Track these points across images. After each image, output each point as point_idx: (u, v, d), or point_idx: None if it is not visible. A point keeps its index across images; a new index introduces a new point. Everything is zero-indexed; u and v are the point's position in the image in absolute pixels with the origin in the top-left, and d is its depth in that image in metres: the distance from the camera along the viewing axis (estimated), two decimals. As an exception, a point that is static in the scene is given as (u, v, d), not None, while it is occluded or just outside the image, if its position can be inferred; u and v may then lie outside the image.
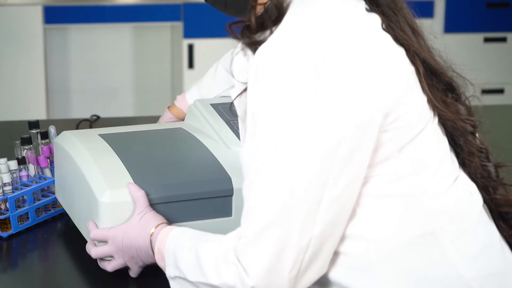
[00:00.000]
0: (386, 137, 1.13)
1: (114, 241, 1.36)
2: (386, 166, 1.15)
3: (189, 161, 1.49)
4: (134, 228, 1.34)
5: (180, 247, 1.23)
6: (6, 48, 4.16)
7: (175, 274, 1.22)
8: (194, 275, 1.18)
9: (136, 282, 1.41)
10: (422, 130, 1.17)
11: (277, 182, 1.09)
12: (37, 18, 4.16)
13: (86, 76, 4.55)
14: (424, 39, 1.23)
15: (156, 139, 1.58)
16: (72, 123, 2.26)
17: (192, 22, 4.30)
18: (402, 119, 1.14)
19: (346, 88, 1.08)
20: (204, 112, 1.64)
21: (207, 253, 1.17)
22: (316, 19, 1.12)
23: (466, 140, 1.24)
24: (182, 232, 1.26)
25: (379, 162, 1.14)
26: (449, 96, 1.23)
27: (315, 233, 1.09)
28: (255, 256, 1.10)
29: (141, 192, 1.37)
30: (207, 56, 4.33)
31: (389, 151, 1.14)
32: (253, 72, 1.11)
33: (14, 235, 1.59)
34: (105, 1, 4.32)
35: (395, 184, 1.15)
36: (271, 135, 1.09)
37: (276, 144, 1.08)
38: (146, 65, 4.61)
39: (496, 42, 4.58)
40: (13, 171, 1.63)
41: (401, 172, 1.15)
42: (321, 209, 1.09)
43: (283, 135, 1.08)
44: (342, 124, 1.08)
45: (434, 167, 1.18)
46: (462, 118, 1.23)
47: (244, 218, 1.13)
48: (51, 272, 1.53)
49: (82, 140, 1.54)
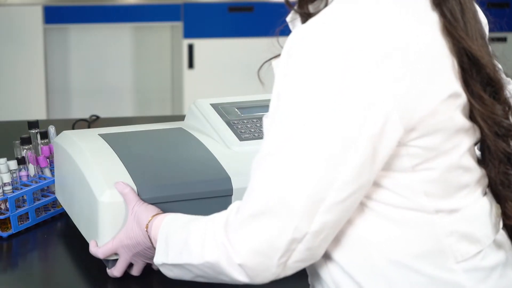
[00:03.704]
0: (404, 151, 1.10)
1: (122, 246, 1.37)
2: (398, 176, 1.12)
3: (189, 161, 1.49)
4: (132, 226, 1.35)
5: (174, 230, 1.23)
6: (6, 48, 4.16)
7: (162, 261, 1.22)
8: (179, 258, 1.18)
9: (136, 282, 1.41)
10: (448, 152, 1.12)
11: (283, 171, 1.07)
12: (37, 18, 4.16)
13: (86, 76, 4.55)
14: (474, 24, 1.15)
15: (156, 139, 1.58)
16: (71, 123, 2.26)
17: (192, 22, 4.30)
18: (426, 140, 1.10)
19: (370, 94, 1.05)
20: (204, 112, 1.64)
21: (197, 229, 1.17)
22: (362, 15, 1.08)
23: (495, 142, 1.16)
24: (176, 217, 1.27)
25: (391, 169, 1.11)
26: (487, 91, 1.14)
27: (311, 230, 1.08)
28: (246, 236, 1.09)
29: (128, 189, 1.37)
30: (207, 56, 4.33)
31: (404, 165, 1.11)
32: (286, 51, 1.09)
33: (14, 235, 1.59)
34: (105, 1, 4.32)
35: (405, 197, 1.12)
36: (288, 122, 1.07)
37: (290, 133, 1.07)
38: (146, 65, 4.61)
39: (496, 42, 4.58)
40: (13, 171, 1.63)
41: (414, 187, 1.12)
42: (321, 209, 1.08)
43: (299, 126, 1.06)
44: (357, 131, 1.05)
45: (452, 188, 1.14)
46: (496, 119, 1.14)
47: (246, 194, 1.11)
48: (51, 272, 1.52)
49: (82, 140, 1.54)
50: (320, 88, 1.05)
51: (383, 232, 1.13)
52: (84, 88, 4.56)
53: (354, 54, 1.05)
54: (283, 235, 1.08)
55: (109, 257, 1.39)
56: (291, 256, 1.10)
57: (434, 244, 1.13)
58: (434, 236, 1.13)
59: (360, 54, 1.05)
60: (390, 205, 1.12)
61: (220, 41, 4.32)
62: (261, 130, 1.59)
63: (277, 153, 1.08)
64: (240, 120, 1.61)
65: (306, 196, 1.07)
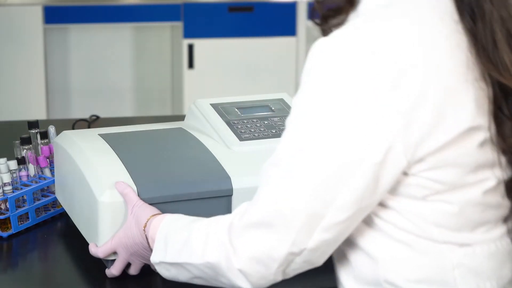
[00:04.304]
0: (414, 180, 1.07)
1: (120, 244, 1.36)
2: (408, 203, 1.08)
3: (189, 161, 1.49)
4: (130, 225, 1.34)
5: (174, 230, 1.23)
6: (6, 48, 4.16)
7: (159, 260, 1.22)
8: (178, 256, 1.18)
9: (136, 282, 1.41)
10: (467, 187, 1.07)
11: (285, 185, 1.07)
12: (37, 18, 4.16)
13: (86, 76, 4.55)
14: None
15: (156, 139, 1.58)
16: (71, 123, 2.26)
17: (192, 22, 4.30)
18: (437, 172, 1.05)
19: (376, 121, 1.03)
20: (204, 112, 1.64)
21: (200, 229, 1.17)
22: (381, 36, 1.05)
23: None
24: (176, 217, 1.27)
25: (401, 195, 1.08)
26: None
27: (309, 247, 1.08)
28: (247, 242, 1.10)
29: (128, 189, 1.37)
30: (207, 56, 4.33)
31: (413, 194, 1.08)
32: (307, 63, 1.08)
33: (14, 235, 1.59)
34: (105, 1, 4.32)
35: (413, 223, 1.09)
36: (296, 136, 1.07)
37: (296, 148, 1.07)
38: (146, 65, 4.61)
39: None
40: (13, 171, 1.63)
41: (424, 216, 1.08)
42: (320, 227, 1.07)
43: (305, 142, 1.06)
44: (360, 156, 1.04)
45: (469, 224, 1.09)
46: None
47: (253, 201, 1.12)
48: (51, 272, 1.52)
49: (82, 140, 1.54)
50: (330, 108, 1.05)
51: (388, 251, 1.11)
52: (84, 88, 4.56)
53: (367, 78, 1.03)
54: (281, 248, 1.09)
55: (109, 257, 1.39)
56: (289, 265, 1.11)
57: (438, 273, 1.09)
58: (440, 265, 1.09)
59: (373, 79, 1.03)
60: (398, 227, 1.10)
61: (220, 41, 4.32)
62: (261, 130, 1.59)
63: (282, 165, 1.08)
64: (240, 120, 1.61)
65: (305, 212, 1.07)
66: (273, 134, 1.58)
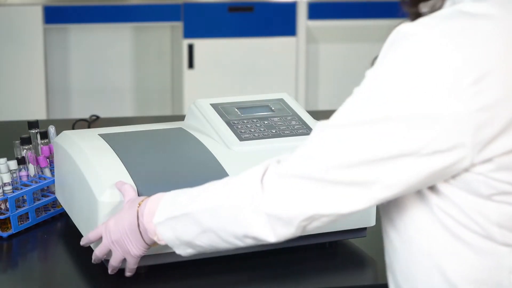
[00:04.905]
0: (482, 178, 1.06)
1: (106, 228, 1.35)
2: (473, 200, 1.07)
3: (189, 161, 1.49)
4: (122, 212, 1.33)
5: (183, 191, 1.23)
6: (6, 48, 4.16)
7: (165, 217, 1.22)
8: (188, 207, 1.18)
9: (136, 282, 1.41)
10: None
11: (338, 148, 1.06)
12: (37, 18, 4.16)
13: (86, 76, 4.55)
14: None
15: (156, 139, 1.58)
16: (71, 123, 2.26)
17: (192, 22, 4.30)
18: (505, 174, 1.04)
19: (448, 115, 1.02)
20: (204, 112, 1.64)
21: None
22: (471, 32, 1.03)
23: None
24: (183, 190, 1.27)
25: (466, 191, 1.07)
26: None
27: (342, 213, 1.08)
28: (280, 188, 1.10)
29: (127, 184, 1.37)
30: (207, 56, 4.33)
31: (479, 191, 1.06)
32: (389, 41, 1.06)
33: (14, 235, 1.59)
34: (105, 1, 4.32)
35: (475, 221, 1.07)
36: (361, 105, 1.06)
37: (359, 117, 1.05)
38: (146, 65, 4.61)
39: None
40: (13, 171, 1.63)
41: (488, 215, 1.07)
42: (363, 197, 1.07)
43: (369, 113, 1.04)
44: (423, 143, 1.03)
45: None
46: None
47: (298, 153, 1.11)
48: (51, 272, 1.53)
49: (82, 140, 1.54)
50: (404, 90, 1.03)
51: (447, 247, 1.09)
52: (84, 88, 4.56)
53: (448, 71, 1.02)
54: (314, 207, 1.08)
55: (107, 257, 1.40)
56: (312, 223, 1.10)
57: (494, 274, 1.08)
58: (497, 267, 1.08)
59: (453, 73, 1.01)
60: (460, 223, 1.08)
61: (220, 41, 4.32)
62: (261, 130, 1.59)
63: (340, 131, 1.07)
64: (240, 120, 1.61)
65: (352, 182, 1.06)
66: (273, 134, 1.58)
